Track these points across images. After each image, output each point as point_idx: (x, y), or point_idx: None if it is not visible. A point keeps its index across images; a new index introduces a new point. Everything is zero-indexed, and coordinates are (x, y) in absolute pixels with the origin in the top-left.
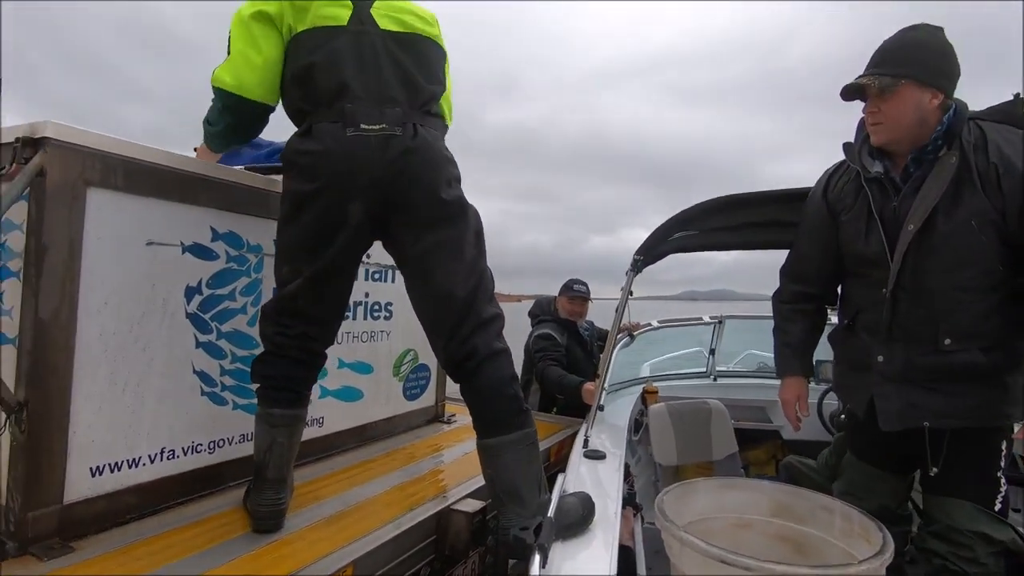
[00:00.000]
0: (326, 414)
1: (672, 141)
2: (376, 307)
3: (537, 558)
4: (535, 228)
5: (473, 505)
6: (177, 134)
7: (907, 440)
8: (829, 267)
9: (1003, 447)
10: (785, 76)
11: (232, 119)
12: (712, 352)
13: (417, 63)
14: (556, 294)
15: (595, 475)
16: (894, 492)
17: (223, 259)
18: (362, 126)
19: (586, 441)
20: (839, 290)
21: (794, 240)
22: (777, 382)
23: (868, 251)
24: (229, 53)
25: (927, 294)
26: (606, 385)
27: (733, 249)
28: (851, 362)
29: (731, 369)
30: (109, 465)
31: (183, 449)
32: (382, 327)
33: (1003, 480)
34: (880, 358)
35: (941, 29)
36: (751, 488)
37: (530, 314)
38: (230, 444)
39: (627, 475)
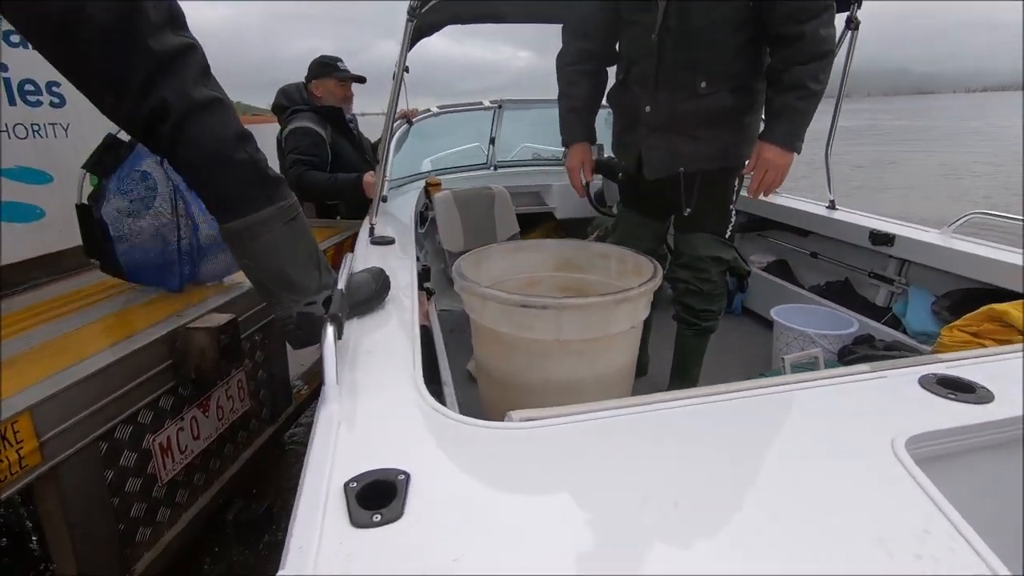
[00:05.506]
0: None
1: None
2: (29, 88)
3: (331, 329)
4: (312, 33)
5: (218, 319)
6: None
7: (666, 186)
8: (608, 18)
9: (736, 184)
10: None
11: None
12: (492, 141)
13: None
14: (305, 79)
15: (385, 258)
16: (656, 235)
17: None
18: None
19: (372, 229)
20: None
21: None
22: (551, 169)
23: None
24: None
25: (690, 35)
26: (387, 175)
27: (536, 20)
28: (625, 120)
29: (509, 159)
30: None
31: None
32: (50, 118)
33: (733, 212)
34: (648, 108)
35: None
36: (538, 248)
37: (275, 108)
38: None
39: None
